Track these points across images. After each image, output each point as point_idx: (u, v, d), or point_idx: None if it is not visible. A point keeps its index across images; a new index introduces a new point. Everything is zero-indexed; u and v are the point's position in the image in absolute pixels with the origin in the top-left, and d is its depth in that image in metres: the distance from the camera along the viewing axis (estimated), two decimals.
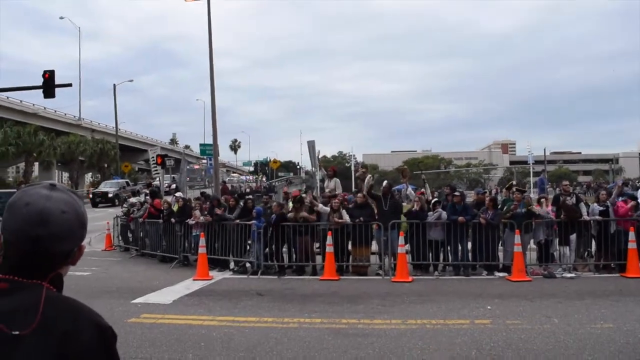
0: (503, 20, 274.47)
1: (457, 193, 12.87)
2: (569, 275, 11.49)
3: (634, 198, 12.70)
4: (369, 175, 13.84)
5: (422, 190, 13.69)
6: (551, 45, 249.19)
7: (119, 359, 1.33)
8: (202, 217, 13.71)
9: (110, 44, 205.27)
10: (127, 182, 41.56)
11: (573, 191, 13.78)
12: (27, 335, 1.19)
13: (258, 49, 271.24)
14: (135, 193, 21.33)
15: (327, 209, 12.65)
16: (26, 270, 1.29)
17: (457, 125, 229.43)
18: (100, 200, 36.67)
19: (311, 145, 19.40)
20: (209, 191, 23.56)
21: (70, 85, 21.84)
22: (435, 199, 13.10)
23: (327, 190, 15.06)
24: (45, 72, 19.73)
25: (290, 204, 13.80)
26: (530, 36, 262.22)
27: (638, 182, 31.65)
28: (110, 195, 37.52)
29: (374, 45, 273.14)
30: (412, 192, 13.17)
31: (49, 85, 19.73)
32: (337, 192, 14.37)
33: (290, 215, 12.78)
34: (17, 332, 1.19)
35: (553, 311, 8.37)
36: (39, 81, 19.85)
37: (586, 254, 12.50)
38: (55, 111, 55.48)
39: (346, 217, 12.48)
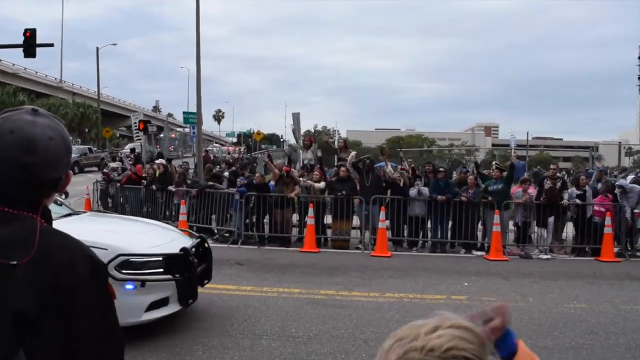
0: None
1: (442, 169, 13.02)
2: (544, 256, 11.68)
3: (612, 187, 12.81)
4: (354, 152, 13.86)
5: (403, 166, 13.76)
6: (545, 28, 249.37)
7: (109, 293, 1.33)
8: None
9: (94, 4, 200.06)
10: (89, 149, 39.07)
11: (561, 176, 13.97)
12: (22, 265, 1.18)
13: (246, 17, 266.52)
14: (114, 158, 20.93)
15: (310, 182, 12.64)
16: (15, 200, 1.26)
17: (443, 105, 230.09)
18: None
19: (296, 117, 19.21)
20: (178, 162, 23.23)
21: (52, 45, 21.38)
22: (416, 174, 13.14)
23: (305, 162, 15.03)
24: (26, 30, 19.16)
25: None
26: (525, 17, 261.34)
27: (616, 171, 32.18)
28: None
29: (365, 18, 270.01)
30: (392, 169, 13.24)
31: (30, 44, 19.19)
32: (318, 155, 14.39)
33: (274, 186, 12.79)
34: (15, 262, 1.18)
35: (528, 290, 8.52)
36: (20, 40, 19.35)
37: (563, 236, 12.71)
38: (36, 72, 54.39)
39: (321, 185, 12.53)
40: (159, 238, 6.47)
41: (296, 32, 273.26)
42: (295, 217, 13.03)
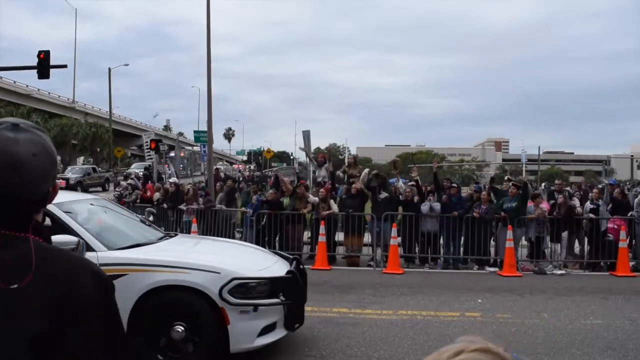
0: (508, 14, 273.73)
1: (454, 185, 12.99)
2: (559, 272, 11.55)
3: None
4: (367, 169, 13.85)
5: (413, 182, 13.69)
6: (555, 42, 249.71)
7: (117, 308, 1.29)
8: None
9: (107, 25, 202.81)
10: (93, 169, 38.50)
11: (569, 190, 13.84)
12: (22, 288, 1.15)
13: (258, 36, 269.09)
14: (126, 177, 21.05)
15: (316, 199, 12.64)
16: (4, 221, 1.22)
17: (453, 121, 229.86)
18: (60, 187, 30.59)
19: (306, 135, 19.19)
20: (187, 181, 23.19)
21: (65, 66, 21.53)
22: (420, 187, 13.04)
23: (319, 180, 15.00)
24: (40, 52, 19.45)
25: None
26: (535, 32, 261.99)
27: (629, 184, 31.92)
28: (72, 182, 32.24)
29: (375, 36, 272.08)
30: (403, 185, 13.21)
31: (43, 65, 19.45)
32: (331, 170, 14.31)
33: (286, 202, 12.81)
34: (15, 286, 1.14)
35: (543, 306, 8.41)
36: (34, 61, 19.63)
37: (578, 251, 12.56)
38: (49, 93, 55.00)
39: (334, 208, 12.48)
40: (264, 260, 6.31)
41: (305, 50, 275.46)
42: (306, 235, 13.00)
